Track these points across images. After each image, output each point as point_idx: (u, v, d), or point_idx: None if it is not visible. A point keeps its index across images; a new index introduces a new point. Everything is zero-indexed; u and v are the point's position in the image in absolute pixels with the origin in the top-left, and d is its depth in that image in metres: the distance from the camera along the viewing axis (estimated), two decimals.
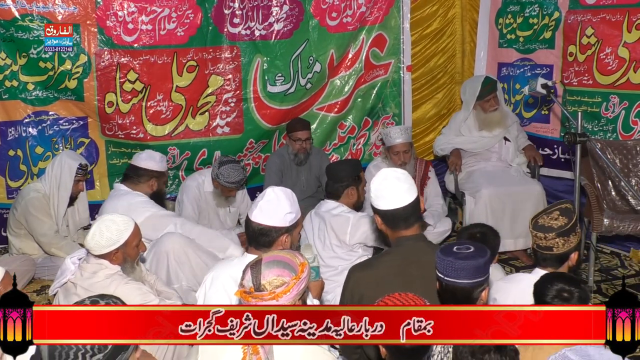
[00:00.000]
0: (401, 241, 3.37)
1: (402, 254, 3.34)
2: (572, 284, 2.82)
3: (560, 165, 6.60)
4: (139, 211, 4.93)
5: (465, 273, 2.69)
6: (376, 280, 3.27)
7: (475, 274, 2.70)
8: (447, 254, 2.76)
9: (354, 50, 7.06)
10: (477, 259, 2.71)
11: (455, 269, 2.71)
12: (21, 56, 5.89)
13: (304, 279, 2.54)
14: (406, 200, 3.34)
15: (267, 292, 2.45)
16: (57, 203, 5.65)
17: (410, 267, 3.25)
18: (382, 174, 3.43)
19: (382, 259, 3.45)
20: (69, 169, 5.64)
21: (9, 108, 5.98)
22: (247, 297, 2.47)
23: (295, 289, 2.49)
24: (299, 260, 2.59)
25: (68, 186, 5.66)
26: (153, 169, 5.43)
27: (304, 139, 6.38)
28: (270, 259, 2.56)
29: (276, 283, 2.47)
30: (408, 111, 7.37)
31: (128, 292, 3.72)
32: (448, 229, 6.13)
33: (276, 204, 3.38)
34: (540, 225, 3.31)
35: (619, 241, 6.09)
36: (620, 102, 6.02)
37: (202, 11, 6.26)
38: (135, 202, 5.15)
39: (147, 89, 6.22)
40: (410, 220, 3.37)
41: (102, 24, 5.99)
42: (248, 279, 2.51)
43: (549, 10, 6.52)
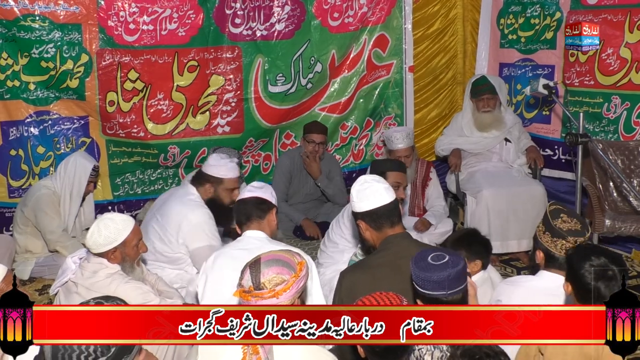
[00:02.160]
0: (389, 239, 3.41)
1: (392, 251, 3.37)
2: (615, 262, 2.72)
3: (561, 166, 6.60)
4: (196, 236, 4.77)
5: (450, 283, 2.65)
6: (372, 280, 3.28)
7: (458, 282, 2.68)
8: (425, 269, 2.67)
9: (356, 51, 7.07)
10: (453, 267, 2.66)
11: (433, 281, 2.64)
12: (23, 56, 5.88)
13: (303, 277, 2.56)
14: (387, 199, 3.44)
15: (267, 290, 2.47)
16: (68, 203, 5.65)
17: (404, 263, 3.24)
18: (361, 179, 3.58)
19: (373, 258, 3.47)
20: (84, 170, 5.65)
21: (10, 108, 5.98)
22: (246, 297, 2.48)
23: (295, 287, 2.51)
24: (297, 259, 2.62)
25: (82, 187, 5.66)
26: (212, 174, 4.93)
27: (317, 142, 6.40)
28: (269, 257, 2.58)
29: (276, 281, 2.49)
30: (410, 112, 7.38)
31: (128, 291, 3.73)
32: (449, 229, 6.13)
33: (261, 186, 4.01)
34: (568, 230, 3.25)
35: (620, 242, 6.07)
36: (622, 102, 6.02)
37: (204, 11, 6.26)
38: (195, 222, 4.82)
39: (148, 88, 6.23)
40: (394, 219, 3.44)
41: (104, 24, 5.99)
42: (247, 278, 2.52)
43: (550, 11, 6.52)
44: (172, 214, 4.71)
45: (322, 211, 6.68)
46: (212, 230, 4.76)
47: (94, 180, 5.83)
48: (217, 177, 4.88)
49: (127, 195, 6.53)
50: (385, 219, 3.41)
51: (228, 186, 4.91)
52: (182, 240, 4.71)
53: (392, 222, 3.43)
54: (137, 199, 6.51)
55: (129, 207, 6.47)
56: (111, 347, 2.21)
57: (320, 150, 6.48)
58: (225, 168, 4.91)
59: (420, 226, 6.04)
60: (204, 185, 4.89)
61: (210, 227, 4.75)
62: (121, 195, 6.51)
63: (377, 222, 3.43)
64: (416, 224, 6.05)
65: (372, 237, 3.49)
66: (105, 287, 3.72)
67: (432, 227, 6.04)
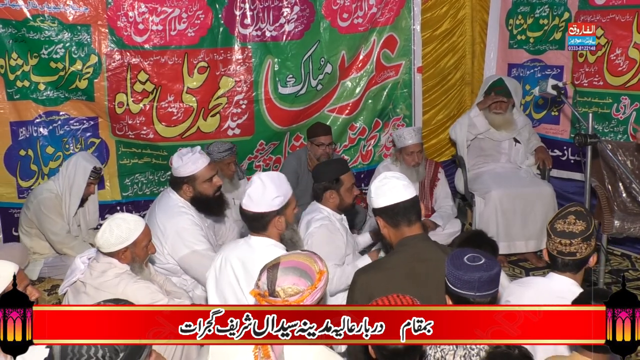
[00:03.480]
0: (406, 241, 3.38)
1: (409, 253, 3.33)
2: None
3: (570, 166, 6.58)
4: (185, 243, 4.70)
5: (480, 286, 2.65)
6: (386, 281, 3.26)
7: (489, 286, 2.68)
8: (459, 267, 2.69)
9: (365, 52, 7.06)
10: (487, 271, 2.67)
11: (464, 280, 2.65)
12: (32, 56, 5.91)
13: (320, 288, 2.52)
14: (405, 196, 3.39)
15: (280, 300, 2.45)
16: (68, 203, 5.68)
17: (419, 266, 3.24)
18: (381, 175, 3.54)
19: (389, 259, 3.44)
20: (84, 170, 5.67)
21: (20, 108, 6.00)
22: (260, 300, 2.47)
23: (309, 299, 2.47)
24: (318, 267, 2.57)
25: (81, 188, 5.69)
26: (183, 175, 4.82)
27: (327, 144, 6.40)
28: (288, 264, 2.54)
29: (290, 292, 2.46)
30: (418, 112, 7.37)
31: (137, 291, 3.76)
32: (457, 230, 6.12)
33: (262, 191, 3.58)
34: (561, 231, 3.24)
35: (629, 243, 6.06)
36: (631, 103, 6.02)
37: (213, 12, 6.27)
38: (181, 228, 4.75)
39: (157, 90, 6.24)
40: (412, 218, 3.39)
41: (113, 25, 6.01)
42: (264, 281, 2.51)
43: (559, 11, 6.50)
44: (154, 225, 4.62)
45: None
46: (192, 235, 4.69)
47: (95, 182, 5.82)
48: (188, 175, 4.79)
49: (135, 196, 6.55)
50: (402, 216, 3.38)
51: (203, 178, 4.82)
52: (167, 251, 4.67)
53: (410, 220, 3.39)
54: (146, 199, 6.50)
55: (138, 207, 6.47)
56: (119, 351, 2.22)
57: (330, 150, 6.49)
58: (191, 163, 4.79)
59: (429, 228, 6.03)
60: (182, 188, 4.82)
61: (189, 232, 4.69)
62: (130, 195, 6.52)
63: (394, 219, 3.40)
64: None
65: (390, 235, 3.46)
66: (114, 286, 3.75)
67: (440, 228, 6.03)
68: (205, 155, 4.91)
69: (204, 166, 4.82)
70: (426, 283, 3.13)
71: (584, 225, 3.20)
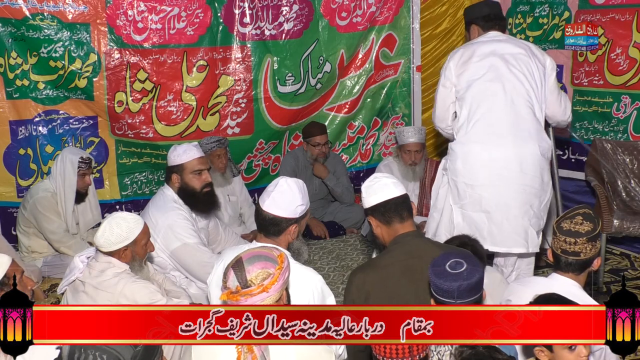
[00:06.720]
0: (399, 239, 3.38)
1: (402, 250, 3.33)
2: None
3: (571, 165, 6.57)
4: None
5: (460, 294, 2.64)
6: (382, 279, 3.26)
7: (469, 293, 2.66)
8: (439, 275, 2.67)
9: (363, 50, 7.07)
10: (466, 279, 2.64)
11: (442, 289, 2.64)
12: (32, 55, 5.90)
13: (286, 268, 2.56)
14: (396, 193, 3.41)
15: (255, 287, 2.46)
16: (64, 200, 5.67)
17: (414, 263, 3.24)
18: (371, 176, 3.58)
19: (384, 257, 3.43)
20: (71, 163, 5.65)
21: (19, 107, 5.99)
22: (234, 297, 2.46)
23: (282, 278, 2.51)
24: (277, 252, 2.61)
25: (73, 181, 5.66)
26: (173, 164, 4.94)
27: (322, 143, 6.40)
28: (250, 255, 2.57)
29: (262, 276, 2.48)
30: (418, 111, 7.38)
31: (136, 291, 3.76)
32: None
33: (289, 196, 3.47)
34: (567, 230, 3.24)
35: (628, 242, 6.05)
36: (631, 102, 6.01)
37: (212, 10, 6.27)
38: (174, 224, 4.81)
39: (157, 89, 6.24)
40: (403, 214, 3.39)
41: (112, 23, 6.00)
42: (232, 279, 2.51)
43: (559, 10, 6.49)
44: (147, 220, 4.53)
45: (329, 210, 6.69)
46: (184, 229, 4.75)
47: (87, 172, 5.78)
48: (178, 164, 4.87)
49: (135, 195, 6.54)
50: (394, 213, 3.38)
51: (192, 169, 4.87)
52: (159, 246, 4.66)
53: (402, 217, 3.39)
54: (146, 198, 6.45)
55: (137, 207, 6.43)
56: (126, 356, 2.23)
57: (327, 149, 6.48)
58: (182, 151, 4.88)
59: (422, 229, 6.01)
60: (171, 179, 4.90)
61: (181, 226, 4.75)
62: (129, 195, 6.52)
63: (385, 216, 3.40)
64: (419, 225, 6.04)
65: (383, 234, 3.46)
66: (113, 286, 3.75)
67: None
68: (199, 149, 4.98)
69: (194, 157, 4.89)
70: (422, 279, 3.11)
71: (591, 227, 3.21)
